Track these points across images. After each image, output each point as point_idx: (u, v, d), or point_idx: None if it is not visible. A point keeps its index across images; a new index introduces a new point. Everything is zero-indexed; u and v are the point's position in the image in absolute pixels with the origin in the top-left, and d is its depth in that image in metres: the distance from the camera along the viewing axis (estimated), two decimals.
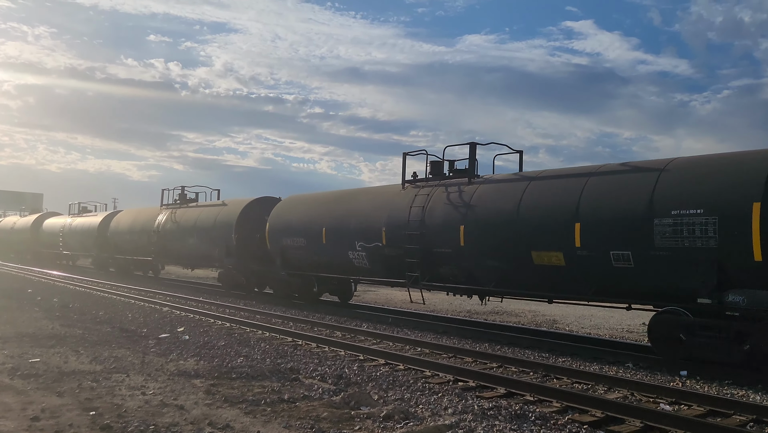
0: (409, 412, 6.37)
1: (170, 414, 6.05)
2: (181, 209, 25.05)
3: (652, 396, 7.48)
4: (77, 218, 35.84)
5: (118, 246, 29.81)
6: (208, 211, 22.95)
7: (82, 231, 33.77)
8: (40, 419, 5.73)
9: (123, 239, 29.16)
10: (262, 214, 20.09)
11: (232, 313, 15.50)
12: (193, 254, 23.73)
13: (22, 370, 7.85)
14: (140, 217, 28.25)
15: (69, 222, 36.09)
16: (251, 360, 9.27)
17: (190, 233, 23.27)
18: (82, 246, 33.90)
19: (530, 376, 8.75)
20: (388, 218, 14.53)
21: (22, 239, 43.82)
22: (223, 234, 20.95)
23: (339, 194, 17.74)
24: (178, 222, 24.31)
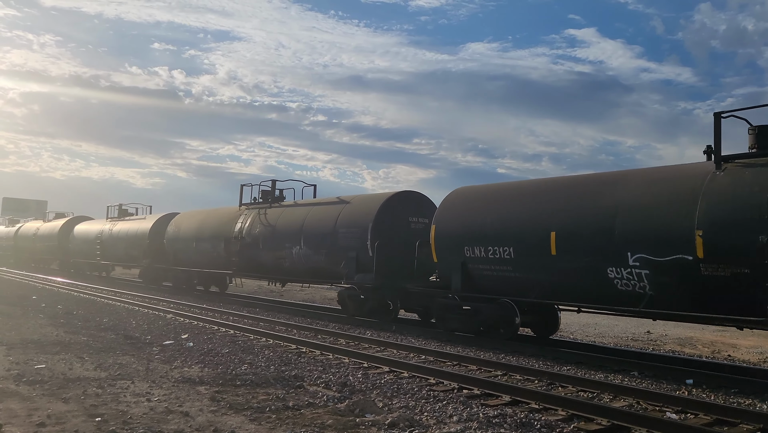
0: (414, 420, 6.36)
1: (175, 421, 6.05)
2: (274, 209, 20.05)
3: (659, 405, 7.45)
4: (119, 222, 31.09)
5: (178, 256, 24.96)
6: (321, 211, 17.95)
7: (127, 238, 29.18)
8: (46, 425, 5.74)
9: (187, 247, 24.21)
10: (406, 214, 16.27)
11: (236, 320, 15.50)
12: (298, 267, 18.30)
13: (27, 376, 7.86)
14: (210, 220, 23.35)
15: (108, 227, 31.36)
16: (255, 367, 9.27)
17: (292, 239, 18.21)
18: (128, 255, 29.16)
19: (535, 384, 8.73)
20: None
21: (48, 246, 39.32)
22: (352, 241, 16.20)
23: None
24: (273, 226, 19.31)
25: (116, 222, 31.55)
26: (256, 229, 19.95)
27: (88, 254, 33.45)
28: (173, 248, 25.25)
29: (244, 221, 20.76)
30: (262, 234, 19.56)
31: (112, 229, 31.03)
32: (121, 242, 29.82)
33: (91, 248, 32.72)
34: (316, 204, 18.79)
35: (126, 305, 18.67)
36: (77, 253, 35.25)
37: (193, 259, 23.96)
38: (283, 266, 18.80)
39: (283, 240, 18.57)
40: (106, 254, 31.48)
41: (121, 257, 30.14)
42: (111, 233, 30.91)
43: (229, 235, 21.19)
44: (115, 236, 30.47)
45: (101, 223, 33.31)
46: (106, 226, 31.89)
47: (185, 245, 24.33)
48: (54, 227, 39.29)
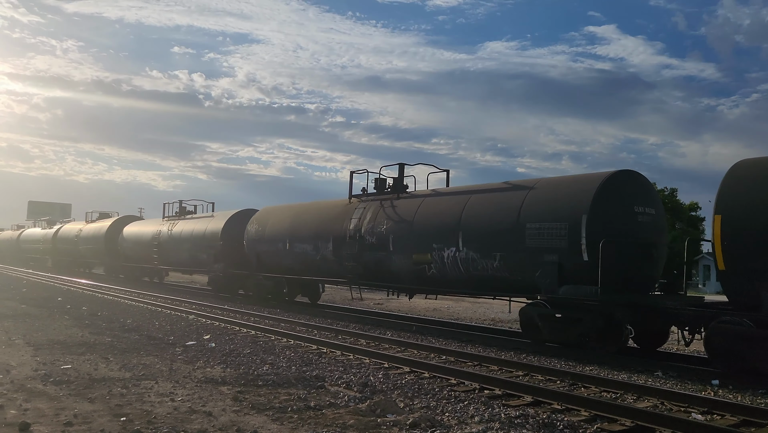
0: (436, 420, 6.35)
1: (199, 421, 6.11)
2: (406, 201, 15.70)
3: (683, 405, 7.35)
4: (179, 222, 27.55)
5: (263, 260, 21.03)
6: (490, 200, 13.56)
7: (192, 239, 25.41)
8: (73, 424, 5.83)
9: (276, 250, 20.08)
10: (630, 201, 11.62)
11: (257, 321, 15.61)
12: (451, 276, 13.90)
13: (54, 376, 8.00)
14: (308, 216, 19.11)
15: (167, 228, 27.96)
16: (277, 368, 9.32)
17: (443, 238, 13.83)
18: (193, 259, 25.56)
19: (557, 384, 8.66)
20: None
21: (93, 249, 36.37)
22: (551, 240, 11.83)
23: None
24: (409, 221, 14.90)
25: (176, 221, 27.84)
26: (381, 226, 15.55)
27: (141, 257, 30.31)
28: (256, 250, 21.15)
29: (361, 216, 16.40)
30: (393, 232, 15.17)
31: (171, 229, 27.43)
32: (184, 244, 25.99)
33: (146, 251, 29.42)
34: (480, 191, 14.03)
35: (149, 307, 18.90)
36: (129, 257, 32.19)
37: (284, 264, 19.83)
38: (425, 273, 14.38)
39: (428, 240, 14.16)
40: (166, 258, 28.03)
41: (185, 261, 26.57)
42: (171, 234, 27.32)
43: (340, 234, 16.89)
44: (176, 237, 26.77)
45: (157, 223, 29.75)
46: (164, 226, 28.33)
47: (272, 247, 20.25)
48: (100, 229, 35.99)
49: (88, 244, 37.29)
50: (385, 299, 24.32)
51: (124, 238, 32.50)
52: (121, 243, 32.78)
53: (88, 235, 37.45)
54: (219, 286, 23.86)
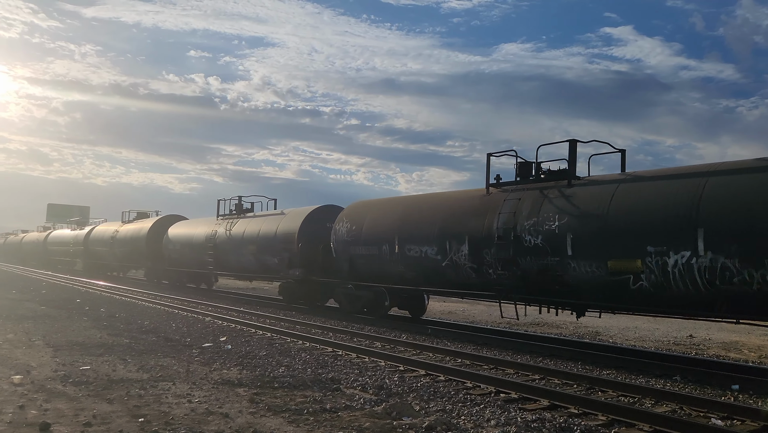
0: (452, 423, 6.33)
1: (216, 422, 6.15)
2: (582, 189, 11.82)
3: (703, 410, 7.26)
4: (238, 221, 23.77)
5: (357, 266, 16.92)
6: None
7: (258, 241, 21.64)
8: (92, 425, 5.90)
9: (377, 256, 16.04)
10: None
11: (273, 323, 15.67)
12: (691, 291, 9.84)
13: (73, 377, 8.10)
14: (422, 212, 15.19)
15: (224, 228, 24.21)
16: (293, 370, 9.36)
17: (653, 234, 10.13)
18: (260, 264, 21.89)
19: (574, 388, 8.60)
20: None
21: (132, 252, 33.17)
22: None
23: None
24: (602, 216, 10.91)
25: (234, 220, 24.21)
26: (551, 222, 11.68)
27: (192, 261, 26.93)
28: (349, 253, 17.20)
29: (511, 211, 12.55)
30: (572, 230, 11.28)
31: (230, 230, 23.77)
32: (247, 246, 22.37)
33: (199, 254, 25.92)
34: (726, 172, 9.98)
35: (165, 308, 19.05)
36: (175, 260, 28.61)
37: (390, 270, 15.85)
38: (628, 287, 10.51)
39: (637, 241, 10.32)
40: (223, 263, 24.40)
41: (248, 267, 22.87)
42: (230, 235, 23.67)
43: (480, 233, 13.15)
44: (237, 239, 23.08)
45: (210, 223, 25.96)
46: (220, 226, 24.66)
47: (373, 250, 16.30)
48: (140, 229, 32.60)
49: (126, 246, 33.93)
50: None
51: (170, 239, 28.77)
52: (167, 245, 29.16)
53: (126, 236, 33.94)
54: (293, 296, 20.20)
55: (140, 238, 32.12)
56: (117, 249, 35.21)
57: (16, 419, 6.01)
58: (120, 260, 35.79)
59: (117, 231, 35.52)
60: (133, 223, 35.38)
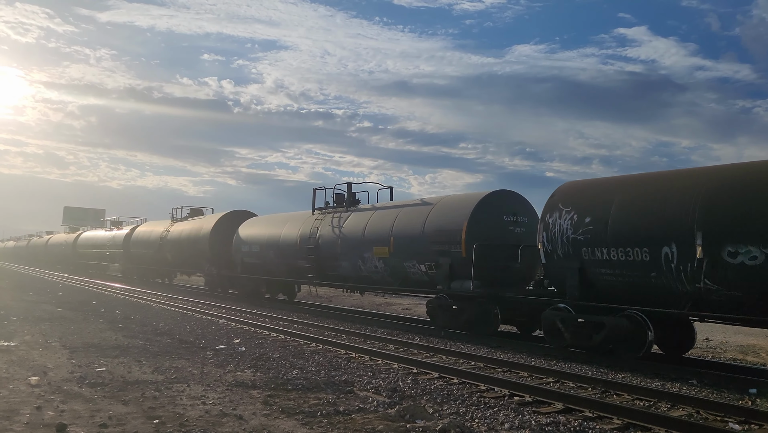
0: (465, 426, 6.31)
1: (230, 424, 6.18)
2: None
3: (720, 415, 7.18)
4: (351, 216, 18.44)
5: (597, 282, 11.33)
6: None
7: (387, 240, 16.29)
8: (108, 426, 5.95)
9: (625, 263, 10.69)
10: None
11: (286, 325, 15.72)
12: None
13: (89, 379, 8.17)
14: (649, 198, 10.66)
15: (330, 226, 18.89)
16: (306, 372, 9.38)
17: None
18: (397, 273, 16.29)
19: (589, 392, 8.54)
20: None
21: (188, 255, 28.09)
22: None
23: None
24: None
25: (341, 215, 18.89)
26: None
27: (279, 267, 21.75)
28: (578, 259, 11.50)
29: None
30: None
31: (338, 227, 18.41)
32: (372, 248, 16.74)
33: (288, 259, 20.71)
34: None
35: (180, 310, 19.18)
36: (253, 266, 23.18)
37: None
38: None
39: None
40: (330, 270, 18.93)
41: (376, 275, 16.94)
42: (340, 233, 18.20)
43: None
44: (354, 238, 17.51)
45: (303, 218, 20.61)
46: (322, 223, 19.28)
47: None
48: (199, 228, 27.18)
49: (180, 248, 28.71)
50: (414, 304, 24.40)
51: (244, 240, 23.64)
52: (239, 247, 23.93)
53: (181, 237, 28.73)
54: (453, 319, 14.48)
55: (201, 238, 26.63)
56: (168, 252, 30.22)
57: (34, 420, 6.08)
58: (172, 265, 30.78)
59: (167, 231, 30.48)
60: (187, 221, 29.94)
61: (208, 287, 27.86)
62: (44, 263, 58.22)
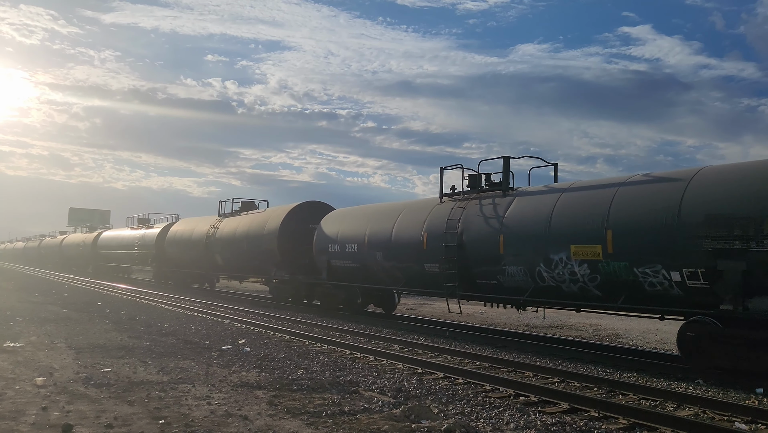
0: (471, 426, 6.30)
1: (235, 424, 6.18)
2: None
3: (726, 414, 7.15)
4: (516, 201, 13.31)
5: None
6: None
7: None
8: (113, 426, 5.96)
9: None
10: None
11: (291, 326, 15.73)
12: None
13: (95, 379, 8.19)
14: None
15: (387, 226, 16.40)
16: (311, 372, 9.38)
17: None
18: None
19: (594, 391, 8.51)
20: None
21: (245, 256, 23.33)
22: None
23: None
24: None
25: (483, 201, 14.15)
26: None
27: (389, 274, 16.64)
28: None
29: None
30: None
31: (490, 217, 13.59)
32: (556, 241, 11.96)
33: (406, 262, 15.76)
34: None
35: (185, 311, 19.21)
36: (343, 271, 18.27)
37: None
38: None
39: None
40: (482, 277, 13.66)
41: (558, 286, 12.08)
42: (504, 223, 13.14)
43: None
44: (524, 231, 12.64)
45: (424, 209, 15.68)
46: (453, 212, 14.44)
47: None
48: (262, 224, 22.28)
49: (236, 248, 24.07)
50: (418, 304, 24.36)
51: (331, 238, 18.73)
52: (324, 247, 18.95)
53: (235, 234, 24.16)
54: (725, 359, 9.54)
55: (267, 237, 21.62)
56: (218, 253, 25.65)
57: (39, 420, 6.10)
58: (224, 268, 26.08)
59: (214, 228, 26.07)
60: (240, 216, 25.31)
61: (273, 296, 22.81)
62: (58, 265, 54.69)
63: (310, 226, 20.87)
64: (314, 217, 21.14)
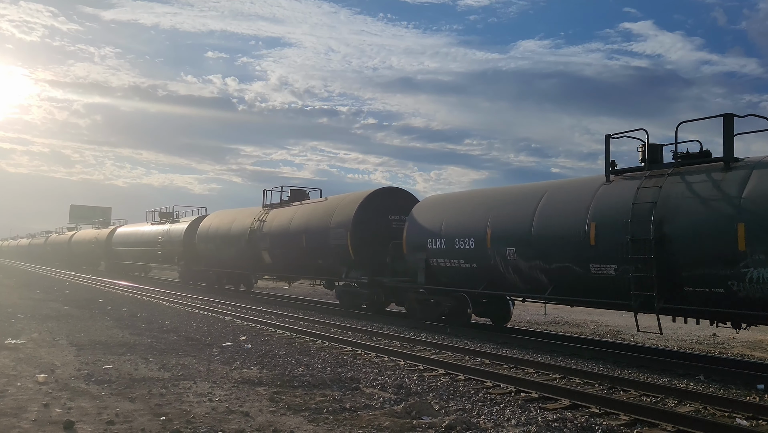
0: (472, 423, 6.31)
1: (236, 421, 6.19)
2: None
3: (727, 410, 7.14)
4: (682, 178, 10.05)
5: None
6: None
7: None
8: (115, 423, 5.97)
9: None
10: None
11: (292, 322, 15.74)
12: None
13: (96, 376, 8.20)
14: None
15: (525, 211, 12.59)
16: (312, 369, 9.38)
17: None
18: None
19: (595, 388, 8.51)
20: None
21: (309, 255, 19.27)
22: None
23: None
24: None
25: (652, 179, 10.70)
26: None
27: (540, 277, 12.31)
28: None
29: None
30: None
31: (671, 195, 10.18)
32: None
33: (562, 264, 11.64)
34: None
35: (186, 308, 19.23)
36: (453, 273, 14.34)
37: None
38: None
39: None
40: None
41: None
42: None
43: None
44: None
45: (586, 189, 11.84)
46: (610, 189, 11.31)
47: None
48: (327, 214, 18.64)
49: (290, 244, 20.20)
50: None
51: (432, 230, 14.91)
52: (422, 241, 15.09)
53: (289, 228, 20.29)
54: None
55: (334, 230, 17.96)
56: (266, 249, 21.65)
57: (41, 417, 6.11)
58: (273, 267, 22.09)
59: (260, 221, 21.98)
60: (293, 206, 21.48)
61: (342, 302, 18.95)
62: (66, 263, 51.98)
63: (389, 217, 17.52)
64: (393, 207, 17.73)
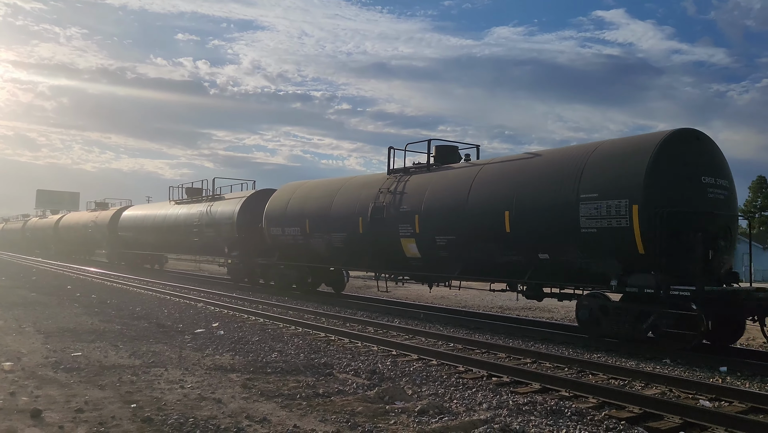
0: (444, 407, 6.37)
1: (208, 407, 6.15)
2: None
3: (692, 392, 7.34)
4: None
5: None
6: None
7: None
8: (84, 411, 5.88)
9: None
10: None
11: (265, 309, 15.68)
12: None
13: (64, 364, 8.07)
14: None
15: None
16: (285, 355, 9.37)
17: None
18: None
19: (565, 372, 8.67)
20: None
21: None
22: None
23: None
24: None
25: None
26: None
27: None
28: None
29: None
30: None
31: None
32: None
33: None
34: None
35: (157, 294, 19.01)
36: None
37: None
38: None
39: None
40: None
41: None
42: None
43: None
44: None
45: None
46: None
47: None
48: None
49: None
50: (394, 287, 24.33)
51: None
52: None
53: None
54: None
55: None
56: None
57: (7, 405, 5.99)
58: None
59: (393, 192, 14.98)
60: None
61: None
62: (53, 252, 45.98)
63: None
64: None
